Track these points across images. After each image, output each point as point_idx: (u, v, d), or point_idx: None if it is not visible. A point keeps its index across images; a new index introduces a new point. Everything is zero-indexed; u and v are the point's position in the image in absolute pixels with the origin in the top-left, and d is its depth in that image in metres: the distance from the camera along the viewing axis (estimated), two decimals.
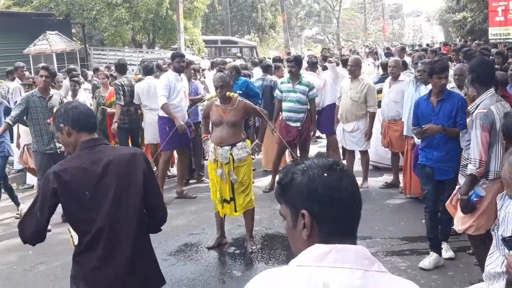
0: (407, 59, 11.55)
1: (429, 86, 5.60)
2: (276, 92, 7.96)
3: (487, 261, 2.94)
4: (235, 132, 5.49)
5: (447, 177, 4.96)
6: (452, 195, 4.62)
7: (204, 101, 7.80)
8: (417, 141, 5.86)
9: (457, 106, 4.91)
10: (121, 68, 8.96)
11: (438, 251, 5.07)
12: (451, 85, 7.89)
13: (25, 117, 6.63)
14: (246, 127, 7.79)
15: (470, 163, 4.22)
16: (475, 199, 4.17)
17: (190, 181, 8.63)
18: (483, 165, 4.12)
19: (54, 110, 6.64)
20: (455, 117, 4.90)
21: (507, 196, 2.81)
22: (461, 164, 4.74)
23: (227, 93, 5.46)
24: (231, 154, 5.43)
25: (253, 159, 6.97)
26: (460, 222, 4.47)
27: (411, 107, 6.73)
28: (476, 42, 16.88)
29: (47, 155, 6.59)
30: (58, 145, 6.64)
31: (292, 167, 1.49)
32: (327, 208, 1.41)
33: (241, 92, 7.46)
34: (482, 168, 4.12)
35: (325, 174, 1.42)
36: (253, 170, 6.73)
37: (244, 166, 5.52)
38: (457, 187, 4.66)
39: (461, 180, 4.61)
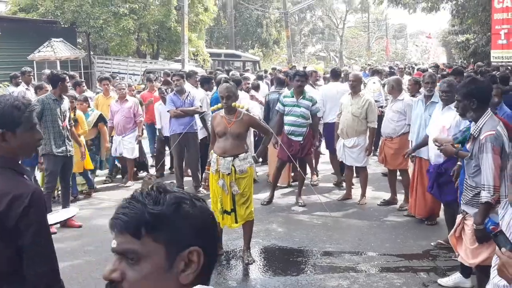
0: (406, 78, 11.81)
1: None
2: (278, 106, 7.99)
3: (492, 274, 2.92)
4: (238, 143, 5.54)
5: None
6: (455, 225, 4.46)
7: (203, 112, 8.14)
8: (432, 160, 5.83)
9: None
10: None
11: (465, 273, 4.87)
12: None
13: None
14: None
15: (484, 190, 3.93)
16: (491, 227, 3.84)
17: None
18: (498, 191, 3.83)
19: (66, 114, 6.75)
20: None
21: (509, 205, 2.70)
22: (466, 193, 4.30)
23: (233, 104, 5.54)
24: (233, 165, 5.47)
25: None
26: (472, 255, 4.22)
27: (419, 126, 6.69)
28: (477, 64, 16.96)
29: (57, 158, 6.66)
30: (69, 148, 6.75)
31: (164, 194, 1.20)
32: (212, 242, 1.26)
33: None
34: (497, 194, 3.84)
35: (205, 204, 1.26)
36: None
37: (245, 178, 5.54)
38: (459, 216, 4.45)
39: (468, 209, 4.27)
